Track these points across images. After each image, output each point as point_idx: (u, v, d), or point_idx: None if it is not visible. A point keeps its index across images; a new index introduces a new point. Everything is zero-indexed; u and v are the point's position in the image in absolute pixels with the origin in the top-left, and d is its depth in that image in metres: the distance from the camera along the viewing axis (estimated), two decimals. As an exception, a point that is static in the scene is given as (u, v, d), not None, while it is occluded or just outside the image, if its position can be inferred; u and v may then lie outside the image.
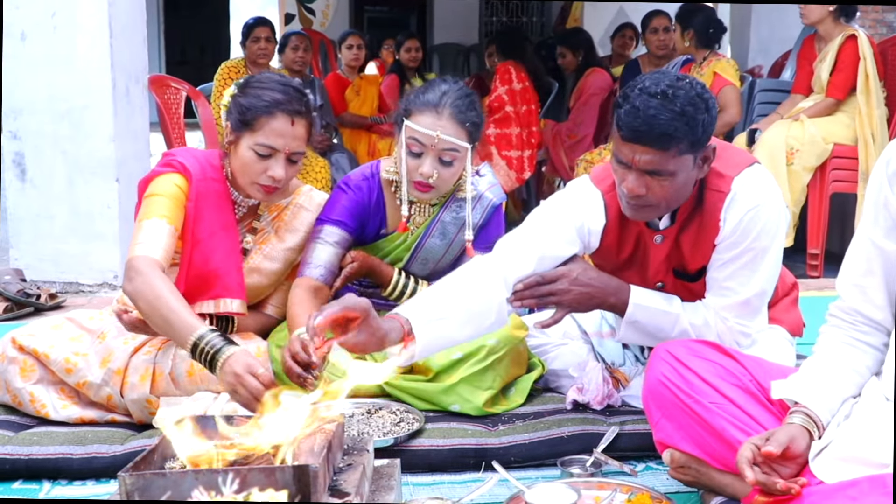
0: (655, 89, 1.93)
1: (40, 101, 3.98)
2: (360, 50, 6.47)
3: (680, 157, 1.95)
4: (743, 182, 2.07)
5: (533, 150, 5.56)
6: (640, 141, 1.93)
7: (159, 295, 2.08)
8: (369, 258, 2.54)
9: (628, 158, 1.97)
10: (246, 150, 2.31)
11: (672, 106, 1.91)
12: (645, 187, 1.99)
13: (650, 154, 1.94)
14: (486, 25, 12.13)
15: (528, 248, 2.15)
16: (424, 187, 2.42)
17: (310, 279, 2.43)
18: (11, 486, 2.09)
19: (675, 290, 2.24)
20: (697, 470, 1.86)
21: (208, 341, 1.98)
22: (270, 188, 2.34)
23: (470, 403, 2.34)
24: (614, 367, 2.50)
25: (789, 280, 2.45)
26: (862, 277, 1.71)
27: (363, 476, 1.61)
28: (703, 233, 2.12)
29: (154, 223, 2.25)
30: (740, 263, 2.10)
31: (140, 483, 1.40)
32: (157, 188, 2.32)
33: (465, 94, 2.45)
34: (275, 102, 2.29)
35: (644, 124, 1.91)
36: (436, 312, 1.97)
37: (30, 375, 2.29)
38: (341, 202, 2.52)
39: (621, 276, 2.23)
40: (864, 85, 4.45)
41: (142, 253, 2.18)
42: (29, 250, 4.09)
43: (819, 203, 4.52)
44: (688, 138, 1.93)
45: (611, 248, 2.26)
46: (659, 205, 2.03)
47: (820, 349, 1.78)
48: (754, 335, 2.19)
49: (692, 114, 1.92)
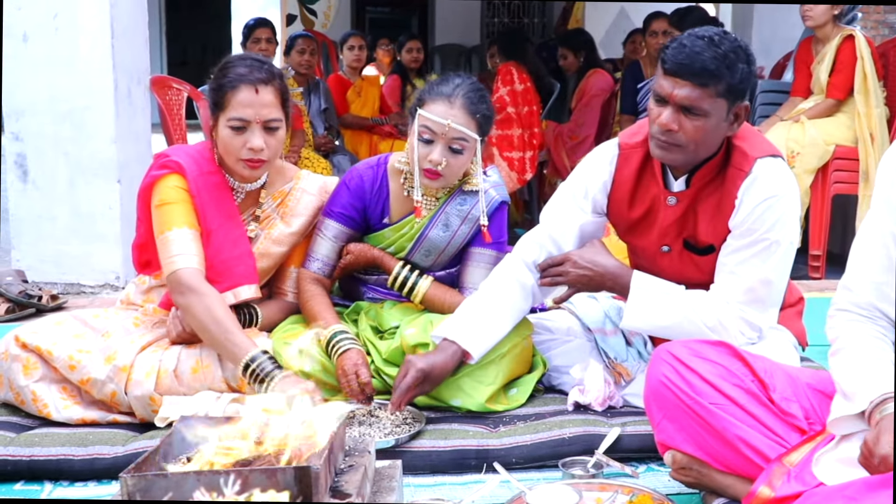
0: (704, 33, 2.06)
1: (42, 102, 3.99)
2: (361, 51, 6.47)
3: (716, 98, 2.05)
4: (765, 167, 2.13)
5: (534, 151, 5.56)
6: (681, 74, 2.04)
7: (215, 316, 2.26)
8: (370, 251, 2.60)
9: (667, 92, 2.07)
10: (223, 129, 2.38)
11: (717, 48, 2.03)
12: (678, 124, 2.07)
13: (689, 88, 2.04)
14: (488, 26, 12.14)
15: (543, 230, 2.41)
16: (433, 174, 2.47)
17: (310, 272, 2.59)
18: (13, 487, 2.10)
19: (680, 260, 2.29)
20: (699, 471, 1.86)
21: (259, 363, 2.19)
22: (254, 161, 2.39)
23: (472, 399, 2.36)
24: (617, 361, 2.51)
25: (796, 294, 2.48)
26: (879, 273, 1.67)
27: (364, 477, 1.61)
28: (721, 208, 2.19)
29: (180, 233, 2.33)
30: (752, 252, 2.15)
31: (142, 484, 1.40)
32: (166, 196, 2.37)
33: (476, 87, 2.53)
34: (237, 76, 2.38)
35: (687, 58, 2.03)
36: (484, 327, 2.35)
37: (32, 373, 2.30)
38: (343, 194, 2.61)
39: (632, 236, 2.37)
40: (862, 85, 4.45)
41: (185, 265, 2.30)
42: (30, 251, 4.10)
43: (821, 205, 4.52)
44: (726, 80, 2.03)
45: (622, 205, 2.35)
46: (687, 146, 2.10)
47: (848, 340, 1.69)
48: (763, 330, 2.21)
49: (734, 60, 2.03)
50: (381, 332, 2.57)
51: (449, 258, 2.64)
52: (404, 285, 2.58)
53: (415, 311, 2.59)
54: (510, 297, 2.39)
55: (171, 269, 2.30)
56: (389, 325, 2.55)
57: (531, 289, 2.41)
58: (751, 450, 1.74)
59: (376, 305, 2.64)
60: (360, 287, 2.71)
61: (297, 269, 2.62)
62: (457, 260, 2.65)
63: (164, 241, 2.33)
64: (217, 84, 2.40)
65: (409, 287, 2.58)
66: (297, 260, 2.63)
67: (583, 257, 2.33)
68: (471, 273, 2.59)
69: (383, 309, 2.60)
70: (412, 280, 2.58)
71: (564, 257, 2.35)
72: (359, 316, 2.62)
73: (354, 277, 2.69)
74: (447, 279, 2.63)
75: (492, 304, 2.38)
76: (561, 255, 2.36)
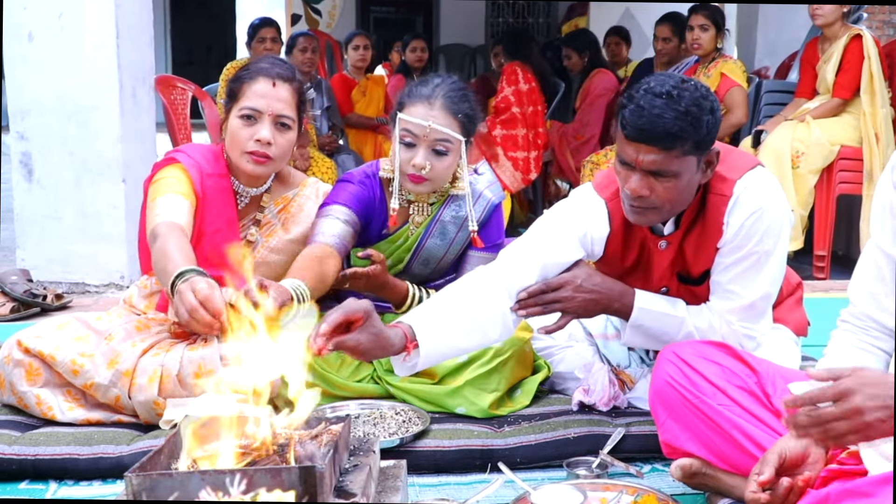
0: (660, 89, 1.93)
1: (47, 101, 3.99)
2: (366, 51, 6.47)
3: (684, 157, 1.94)
4: (745, 185, 2.06)
5: (539, 151, 5.56)
6: (644, 140, 1.93)
7: (163, 245, 2.13)
8: (384, 274, 2.47)
9: (632, 158, 1.96)
10: (234, 119, 2.37)
11: (677, 106, 1.91)
12: (648, 188, 1.98)
13: (654, 154, 1.93)
14: (493, 26, 12.14)
15: (531, 257, 2.16)
16: (418, 179, 2.42)
17: (324, 245, 2.37)
18: (18, 486, 2.10)
19: (679, 295, 2.24)
20: (704, 472, 1.85)
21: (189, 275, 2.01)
22: (260, 155, 2.35)
23: (475, 406, 2.34)
24: (619, 368, 2.50)
25: (794, 280, 2.45)
26: (873, 284, 1.70)
27: (369, 477, 1.61)
28: (706, 237, 2.12)
29: (169, 198, 2.29)
30: (744, 267, 2.09)
31: (147, 483, 1.40)
32: (165, 173, 2.36)
33: (458, 87, 2.46)
34: (257, 69, 2.38)
35: (648, 123, 1.91)
36: (440, 320, 1.99)
37: (36, 379, 2.28)
38: (347, 190, 2.52)
39: (626, 283, 2.23)
40: (868, 85, 4.45)
41: (164, 219, 2.22)
42: (36, 251, 4.10)
43: (825, 205, 4.52)
44: (692, 138, 1.93)
45: (615, 256, 2.26)
46: (662, 208, 2.02)
47: (832, 353, 1.77)
48: (759, 338, 2.19)
49: (697, 114, 1.92)
50: None
51: (448, 266, 2.61)
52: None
53: None
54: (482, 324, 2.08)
55: (152, 225, 2.21)
56: None
57: (502, 317, 2.10)
58: (759, 449, 1.74)
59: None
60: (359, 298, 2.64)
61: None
62: (454, 267, 2.63)
63: (153, 206, 2.27)
64: (237, 77, 2.40)
65: None
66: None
67: (588, 280, 2.16)
68: None
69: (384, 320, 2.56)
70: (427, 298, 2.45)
71: (563, 281, 2.15)
72: None
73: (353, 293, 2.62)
74: None
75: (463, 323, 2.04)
76: (557, 280, 2.15)
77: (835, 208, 4.53)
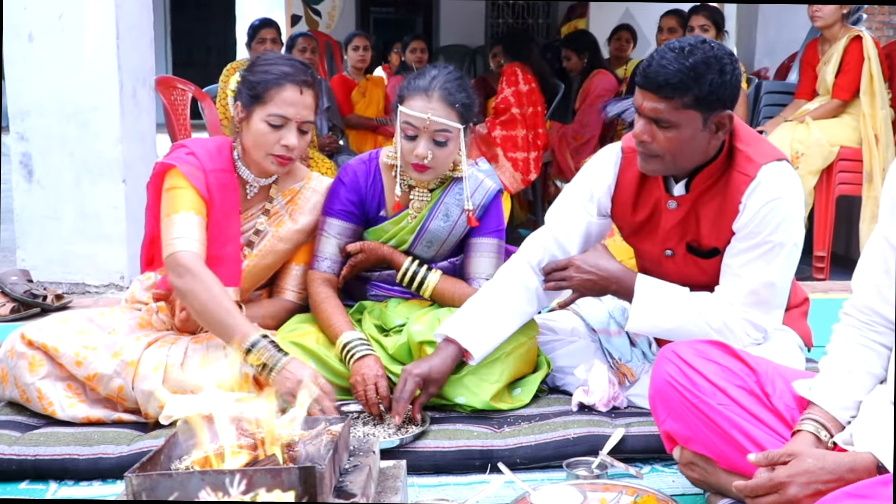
0: (678, 45, 2.05)
1: (48, 102, 4.00)
2: (366, 51, 6.47)
3: (684, 110, 2.04)
4: (770, 172, 2.13)
5: (539, 151, 5.55)
6: (646, 87, 2.06)
7: (214, 295, 2.24)
8: (380, 248, 2.62)
9: (638, 104, 2.09)
10: (259, 122, 2.41)
11: (684, 60, 2.02)
12: (650, 135, 2.09)
13: (654, 101, 2.05)
14: (492, 27, 12.14)
15: (545, 233, 2.42)
16: (421, 168, 2.50)
17: (320, 273, 2.60)
18: (18, 486, 2.10)
19: (684, 263, 2.30)
20: (705, 469, 1.85)
21: (260, 348, 2.18)
22: (285, 158, 2.43)
23: (476, 396, 2.37)
24: (621, 362, 2.52)
25: (801, 294, 2.48)
26: (879, 276, 1.70)
27: (369, 477, 1.62)
28: (723, 213, 2.19)
29: (185, 217, 2.34)
30: (756, 254, 2.15)
31: (147, 484, 1.40)
32: (177, 181, 2.39)
33: (454, 77, 2.53)
34: (284, 74, 2.41)
35: (653, 72, 2.04)
36: (480, 323, 2.33)
37: (38, 370, 2.31)
38: (339, 190, 2.63)
39: (636, 239, 2.38)
40: (867, 86, 4.45)
41: (183, 248, 2.30)
42: (36, 251, 4.10)
43: (825, 206, 4.52)
44: (692, 92, 2.02)
45: (626, 208, 2.36)
46: (664, 156, 2.11)
47: (835, 349, 1.77)
48: (768, 332, 2.22)
49: (702, 71, 2.01)
50: (386, 330, 2.57)
51: (451, 248, 2.66)
52: (413, 280, 2.59)
53: (420, 307, 2.60)
54: (514, 299, 2.39)
55: (171, 250, 2.30)
56: (394, 324, 2.55)
57: (535, 291, 2.40)
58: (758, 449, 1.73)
59: (380, 304, 2.64)
60: (363, 285, 2.71)
61: (298, 266, 2.63)
62: (458, 250, 2.67)
63: (170, 222, 2.34)
64: (260, 78, 2.42)
65: (418, 281, 2.59)
66: (300, 258, 2.64)
67: (586, 262, 2.33)
68: (475, 263, 2.61)
69: (388, 307, 2.61)
70: (421, 274, 2.59)
71: (568, 262, 2.35)
72: (362, 315, 2.63)
73: (358, 276, 2.70)
74: (451, 270, 2.64)
75: (495, 305, 2.37)
76: (564, 260, 2.36)
77: (834, 209, 4.53)
